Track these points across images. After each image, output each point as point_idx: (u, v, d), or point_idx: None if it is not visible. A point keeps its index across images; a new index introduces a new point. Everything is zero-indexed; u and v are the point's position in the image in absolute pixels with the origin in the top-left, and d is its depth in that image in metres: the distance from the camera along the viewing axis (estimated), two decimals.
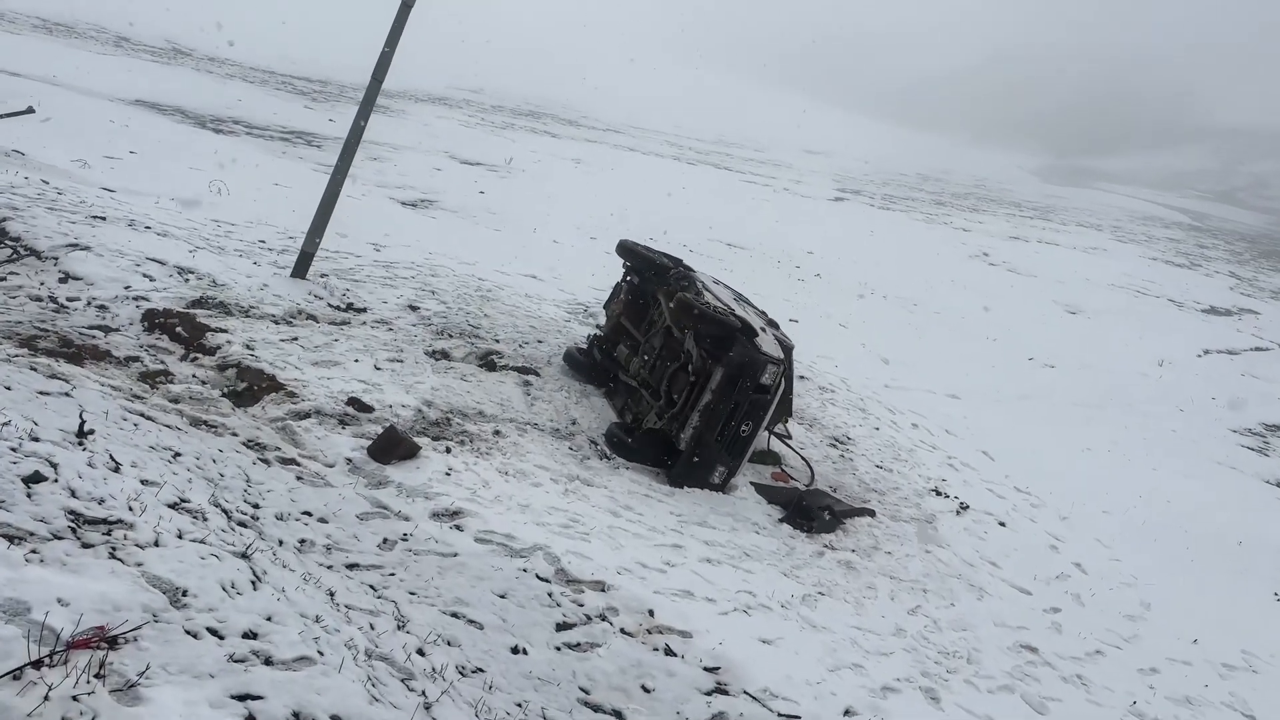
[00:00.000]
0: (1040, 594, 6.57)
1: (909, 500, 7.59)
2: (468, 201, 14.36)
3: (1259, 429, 13.54)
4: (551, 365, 8.15)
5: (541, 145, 24.12)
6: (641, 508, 5.97)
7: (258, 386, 5.88)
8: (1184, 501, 9.48)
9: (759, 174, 30.06)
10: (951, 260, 21.83)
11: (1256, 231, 49.55)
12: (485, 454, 6.03)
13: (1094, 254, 28.18)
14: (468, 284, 9.86)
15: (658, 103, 40.74)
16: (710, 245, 16.72)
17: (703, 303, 6.73)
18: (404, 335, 7.69)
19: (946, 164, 49.41)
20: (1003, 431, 10.30)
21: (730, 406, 6.41)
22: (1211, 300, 24.43)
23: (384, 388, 6.45)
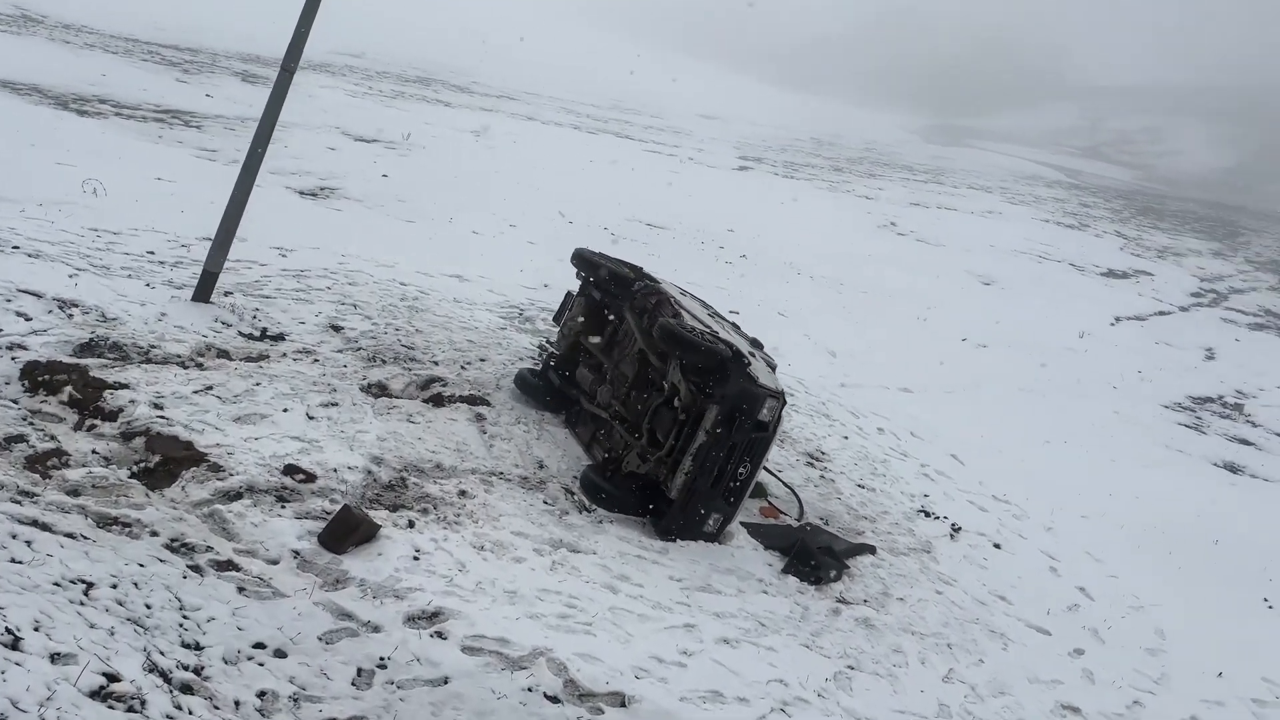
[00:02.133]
0: (1059, 633, 6.09)
1: (901, 526, 7.03)
2: (372, 188, 13.12)
3: (1187, 403, 13.61)
4: (501, 390, 7.25)
5: (436, 116, 22.72)
6: (639, 575, 5.19)
7: (173, 459, 4.83)
8: (1151, 496, 9.25)
9: (661, 142, 29.25)
10: (863, 232, 21.55)
11: (1128, 187, 51.52)
12: (454, 524, 5.13)
13: (991, 218, 28.46)
14: (391, 292, 8.81)
15: (552, 68, 39.44)
16: (630, 227, 15.88)
17: (688, 328, 5.94)
18: (333, 368, 6.65)
19: (836, 128, 49.52)
20: (963, 429, 9.88)
21: (727, 448, 5.66)
22: (1108, 263, 24.92)
23: (323, 444, 5.45)
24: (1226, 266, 28.50)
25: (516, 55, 37.64)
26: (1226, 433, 12.40)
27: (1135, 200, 42.77)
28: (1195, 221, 38.64)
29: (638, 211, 17.10)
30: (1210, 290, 23.91)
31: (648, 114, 37.10)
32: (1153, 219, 36.86)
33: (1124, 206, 39.25)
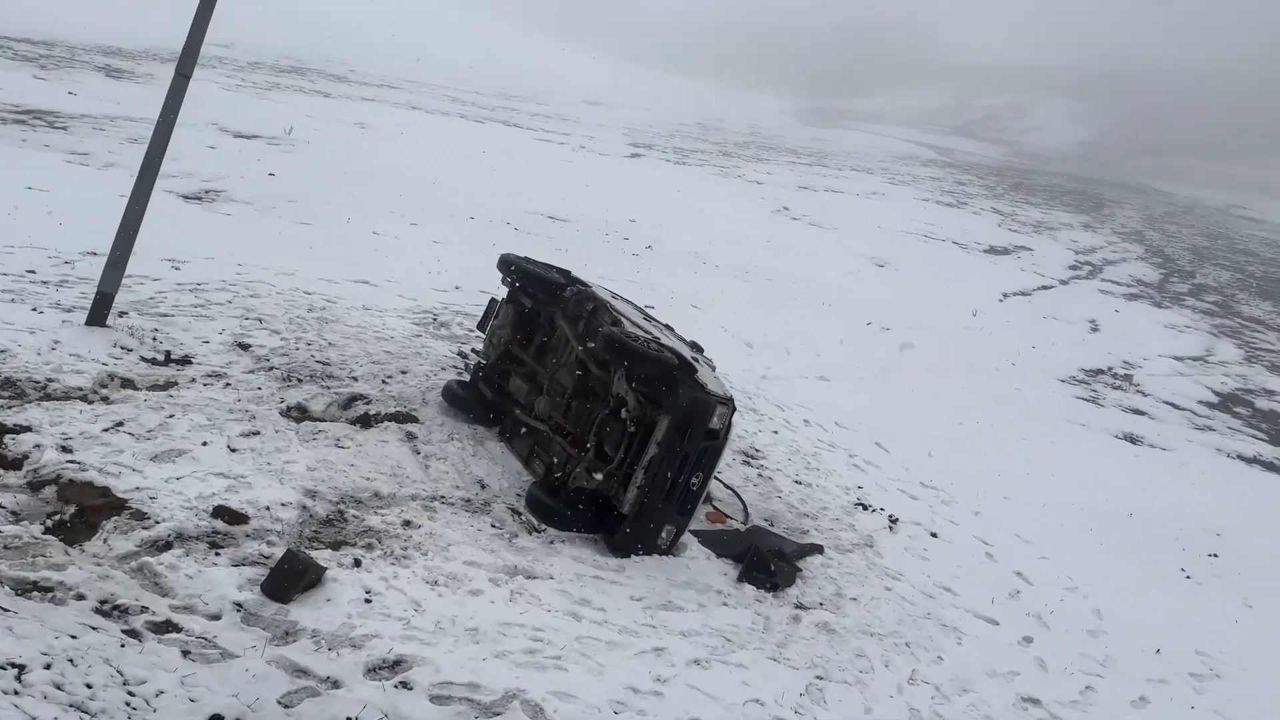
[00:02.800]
0: (1006, 621, 6.17)
1: (841, 521, 7.02)
2: (260, 188, 12.45)
3: (1081, 376, 14.14)
4: (429, 404, 6.93)
5: (316, 107, 21.82)
6: (600, 599, 5.00)
7: (91, 508, 4.39)
8: (1064, 473, 9.55)
9: (551, 130, 28.87)
10: (759, 218, 21.72)
11: (998, 164, 53.49)
12: (402, 558, 4.83)
13: (875, 199, 29.10)
14: (296, 303, 8.34)
15: (432, 52, 38.49)
16: (533, 220, 15.57)
17: (633, 337, 5.75)
18: (248, 391, 6.22)
19: (719, 112, 49.87)
20: (882, 415, 10.00)
21: (680, 459, 5.51)
22: (989, 239, 25.76)
23: (251, 480, 5.06)
24: (1097, 239, 29.84)
25: (393, 41, 36.59)
26: (1121, 404, 12.93)
27: (1006, 176, 44.42)
28: (1063, 195, 40.35)
29: (538, 204, 16.79)
30: (1086, 263, 24.97)
31: (534, 101, 36.59)
32: (1025, 194, 38.32)
33: (997, 183, 40.69)
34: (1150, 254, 28.65)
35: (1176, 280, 24.81)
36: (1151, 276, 24.71)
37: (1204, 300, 22.43)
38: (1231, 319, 20.65)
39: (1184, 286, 24.04)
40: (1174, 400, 13.50)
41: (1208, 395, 14.08)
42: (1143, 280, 23.95)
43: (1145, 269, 25.82)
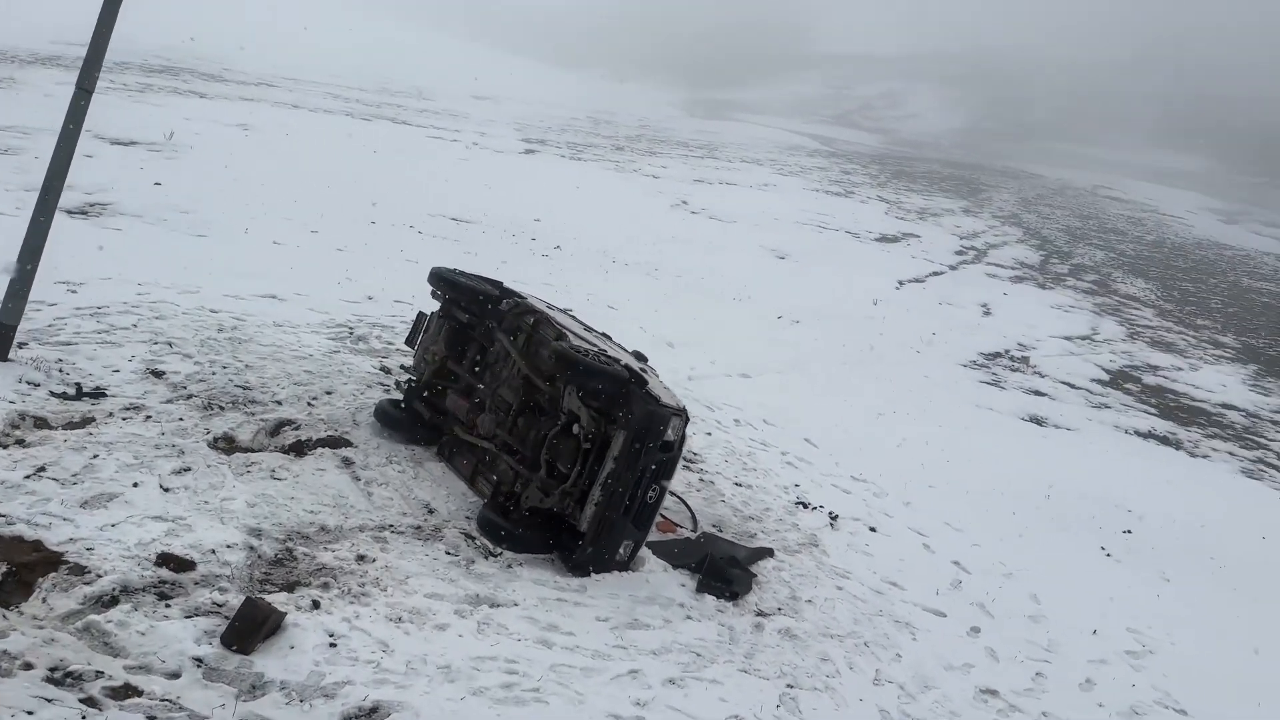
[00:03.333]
0: (953, 613, 6.31)
1: (785, 522, 7.07)
2: (148, 199, 11.80)
3: (981, 360, 14.63)
4: (361, 426, 6.68)
5: (194, 109, 20.84)
6: (567, 623, 4.89)
7: (24, 565, 4.06)
8: (982, 458, 9.85)
9: (441, 127, 28.30)
10: (660, 213, 21.77)
11: (877, 152, 54.94)
12: (362, 596, 4.63)
13: (768, 190, 29.54)
14: (204, 323, 7.93)
15: (309, 47, 37.24)
16: (437, 223, 15.23)
17: (582, 351, 5.64)
18: (170, 423, 5.87)
19: (606, 105, 49.80)
20: (805, 410, 10.12)
21: (637, 474, 5.44)
22: (879, 228, 26.43)
23: (191, 522, 4.77)
24: (978, 223, 30.94)
25: (273, 38, 35.28)
26: (1021, 386, 13.44)
27: (887, 164, 45.63)
28: (942, 181, 41.68)
29: (439, 205, 16.44)
30: (971, 247, 25.85)
31: (419, 96, 35.85)
32: (907, 182, 39.45)
33: (879, 171, 41.77)
34: (1029, 236, 29.86)
35: (1056, 261, 25.94)
36: (1033, 259, 25.76)
37: (1084, 280, 23.51)
38: (1110, 297, 21.72)
39: (1064, 267, 25.14)
40: (1070, 380, 14.10)
41: (1099, 373, 14.76)
42: (1025, 263, 24.94)
43: (1026, 251, 26.89)
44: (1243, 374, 16.08)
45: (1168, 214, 43.41)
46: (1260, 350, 18.32)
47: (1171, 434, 12.12)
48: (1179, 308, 21.64)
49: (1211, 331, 19.39)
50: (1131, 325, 18.96)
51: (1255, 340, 19.22)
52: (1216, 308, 22.39)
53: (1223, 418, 13.29)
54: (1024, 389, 13.27)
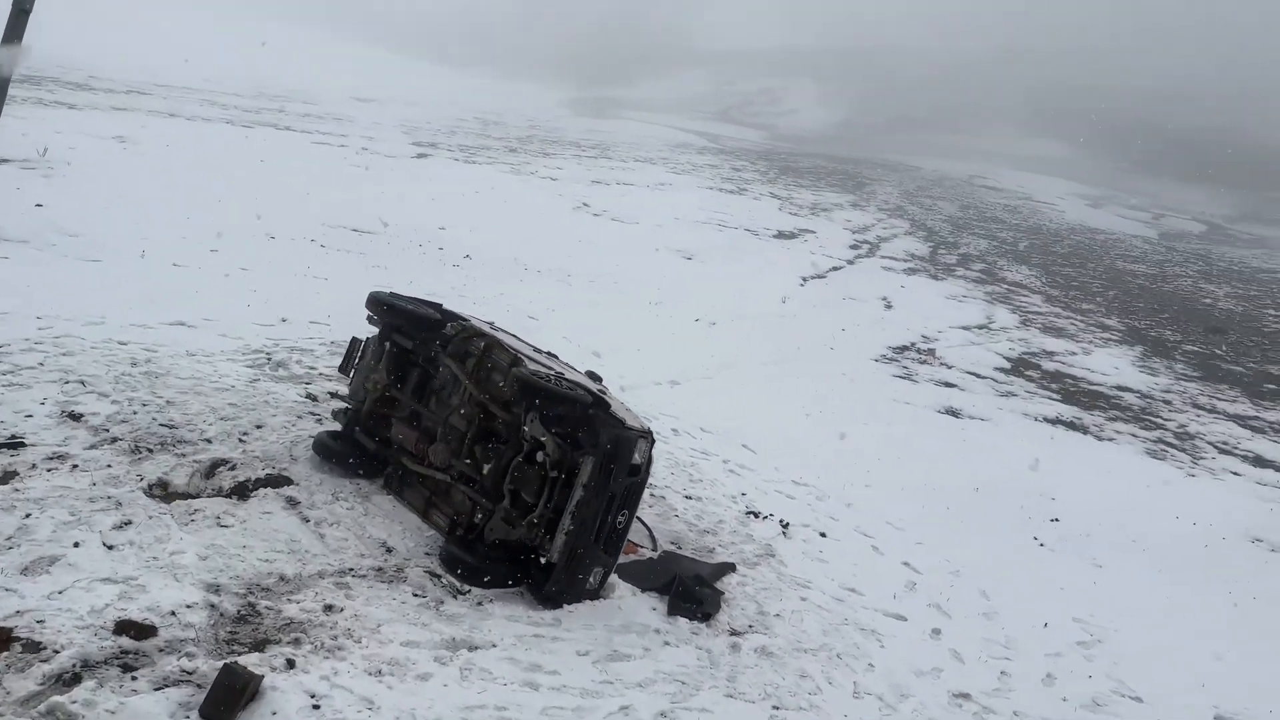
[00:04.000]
0: (912, 616, 6.41)
1: (739, 533, 7.06)
2: (31, 223, 11.03)
3: (890, 354, 14.98)
4: (299, 461, 6.37)
5: (64, 121, 19.66)
6: (550, 660, 4.75)
7: None
8: (909, 454, 10.07)
9: (327, 132, 27.43)
10: (562, 216, 21.60)
11: (762, 148, 55.84)
12: (336, 651, 4.38)
13: (665, 190, 29.66)
14: (116, 357, 7.45)
15: (174, 49, 35.63)
16: (337, 234, 14.73)
17: (544, 376, 5.49)
18: (100, 472, 5.47)
19: (492, 105, 49.21)
20: (737, 415, 10.16)
21: (606, 500, 5.32)
22: (776, 224, 26.83)
23: (142, 581, 4.44)
24: (866, 217, 31.72)
25: (137, 40, 33.66)
26: (932, 378, 13.80)
27: (774, 160, 46.41)
28: (828, 176, 42.62)
29: (338, 215, 15.90)
30: (864, 241, 26.49)
31: (299, 100, 34.66)
32: (794, 177, 40.19)
33: (768, 167, 42.42)
34: (915, 228, 30.76)
35: (944, 251, 26.79)
36: (922, 250, 26.55)
37: (972, 270, 24.34)
38: (999, 285, 22.53)
39: (952, 258, 25.99)
40: (975, 370, 14.55)
41: (1000, 361, 15.28)
42: (916, 254, 25.69)
43: (915, 243, 27.70)
44: (1131, 356, 16.89)
45: (1040, 201, 45.38)
46: (1143, 331, 19.30)
47: (1077, 419, 12.63)
48: (1064, 293, 22.62)
49: (1097, 315, 20.33)
50: (1023, 312, 19.71)
51: (1137, 322, 20.24)
52: (1098, 291, 23.50)
53: (1120, 400, 13.93)
54: (935, 381, 13.63)
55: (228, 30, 47.27)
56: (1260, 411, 14.38)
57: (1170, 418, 13.30)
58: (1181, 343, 18.77)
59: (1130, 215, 46.69)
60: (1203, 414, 13.75)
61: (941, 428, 11.42)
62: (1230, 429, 13.12)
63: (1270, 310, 24.10)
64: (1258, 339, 20.36)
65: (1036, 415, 12.56)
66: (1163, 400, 14.22)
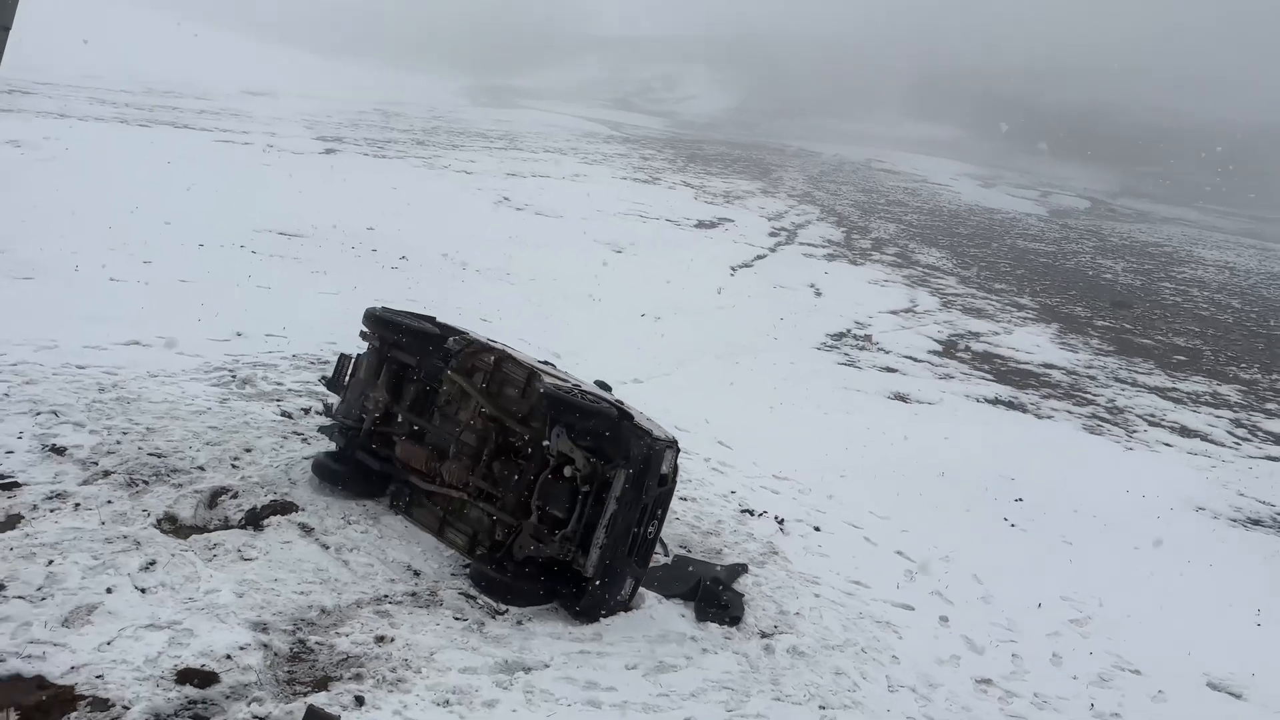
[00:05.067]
0: (919, 605, 6.59)
1: (739, 532, 7.14)
2: None
3: (830, 342, 15.30)
4: (298, 485, 6.18)
5: None
6: (603, 677, 4.74)
7: (35, 708, 3.48)
8: (874, 441, 10.32)
9: (228, 129, 26.43)
10: (485, 212, 21.33)
11: (665, 135, 56.09)
12: (399, 684, 4.29)
13: (581, 181, 29.55)
14: (81, 383, 7.09)
15: (50, 42, 33.73)
16: (265, 239, 14.24)
17: (568, 390, 5.45)
18: (105, 509, 5.21)
19: (389, 96, 48.18)
20: (706, 411, 10.24)
21: (639, 511, 5.33)
22: (694, 214, 27.02)
23: (187, 624, 4.26)
24: (779, 204, 32.23)
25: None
26: (874, 364, 14.15)
27: (680, 149, 46.65)
28: (734, 163, 43.09)
29: (261, 218, 15.37)
30: (781, 228, 26.91)
31: (191, 95, 33.30)
32: (702, 165, 40.51)
33: (675, 156, 42.65)
34: (826, 214, 31.41)
35: (857, 236, 27.45)
36: (836, 236, 27.14)
37: (887, 254, 25.00)
38: (915, 269, 23.22)
39: (865, 242, 26.64)
40: (910, 354, 14.99)
41: (932, 345, 15.76)
42: (832, 240, 26.24)
43: (829, 229, 28.30)
44: (1049, 333, 17.63)
45: (936, 183, 46.86)
46: (1055, 309, 20.15)
47: (1014, 398, 13.13)
48: (976, 274, 23.44)
49: (1010, 295, 21.13)
50: (942, 295, 20.35)
51: (1048, 300, 21.12)
52: (1006, 271, 24.42)
53: (1049, 377, 14.54)
54: (877, 367, 13.98)
55: (100, 20, 44.98)
56: (1176, 383, 15.21)
57: (1098, 393, 13.95)
58: (1092, 319, 19.69)
59: (1019, 194, 48.58)
60: (1126, 388, 14.47)
61: (895, 413, 11.73)
62: (1154, 401, 13.85)
63: (1165, 284, 25.49)
64: (1160, 312, 21.51)
65: (977, 396, 13.01)
66: (1087, 376, 14.90)
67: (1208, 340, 19.21)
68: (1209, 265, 30.87)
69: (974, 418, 11.94)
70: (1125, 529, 8.87)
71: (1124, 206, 49.61)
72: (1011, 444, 10.86)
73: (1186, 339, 19.07)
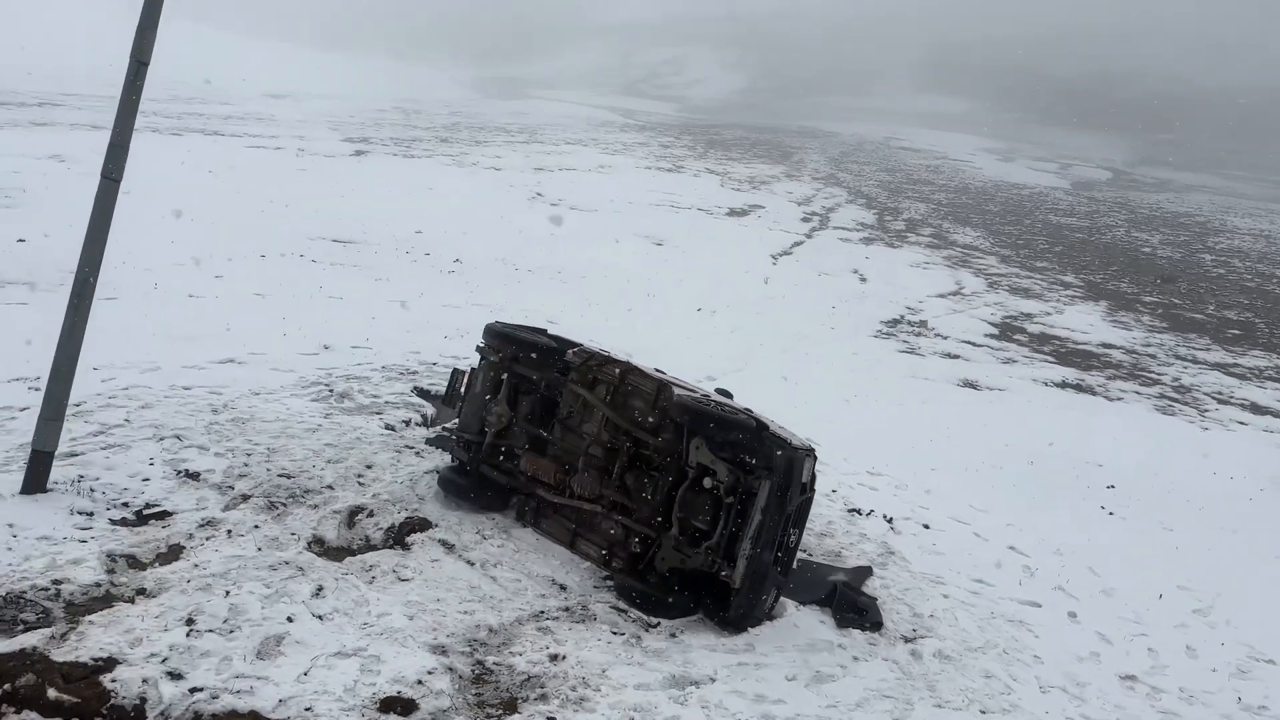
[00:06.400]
0: (1045, 601, 6.59)
1: (851, 533, 7.15)
2: (24, 261, 10.43)
3: (885, 329, 15.27)
4: (426, 500, 6.23)
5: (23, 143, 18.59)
6: (770, 690, 4.75)
7: None
8: (956, 431, 10.32)
9: (257, 134, 26.51)
10: (522, 210, 21.35)
11: (679, 120, 55.94)
12: (582, 701, 4.31)
13: (607, 173, 29.52)
14: (194, 405, 7.14)
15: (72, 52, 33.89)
16: (321, 247, 14.30)
17: (705, 401, 5.46)
18: (258, 536, 5.26)
19: (404, 92, 48.21)
20: (785, 406, 10.15)
21: (783, 521, 5.34)
22: (725, 202, 26.98)
23: (372, 650, 4.29)
24: (805, 187, 32.13)
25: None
26: (935, 350, 14.12)
27: (697, 134, 46.50)
28: (754, 147, 42.94)
29: (312, 226, 15.44)
30: (812, 213, 26.83)
31: (215, 101, 33.37)
32: (722, 150, 40.39)
33: (694, 142, 42.53)
34: (855, 196, 31.30)
35: (890, 218, 27.33)
36: (869, 218, 27.04)
37: (923, 235, 24.90)
38: (953, 249, 23.12)
39: (899, 223, 26.53)
40: (968, 338, 14.95)
41: (987, 328, 15.72)
42: (865, 223, 26.15)
43: (860, 211, 28.20)
44: (1099, 311, 17.56)
45: (956, 159, 46.60)
46: (1100, 285, 20.06)
47: (1081, 380, 13.09)
48: (1015, 252, 23.33)
49: (1053, 273, 21.03)
50: (986, 275, 20.27)
51: (1092, 276, 21.02)
52: (1045, 249, 24.30)
53: (1109, 357, 14.49)
54: (939, 353, 13.95)
55: (109, 27, 44.96)
56: (1236, 358, 15.14)
57: (1162, 372, 13.90)
58: (1139, 294, 19.59)
59: (1040, 168, 48.25)
60: (1188, 365, 14.41)
61: (968, 401, 11.71)
62: (1219, 379, 13.79)
63: (1205, 255, 25.34)
64: (1205, 284, 21.39)
65: (1045, 380, 12.98)
66: (1147, 354, 14.84)
67: (1259, 312, 19.10)
68: (1244, 234, 30.66)
69: (1047, 402, 11.91)
70: (1219, 511, 8.85)
71: (1145, 175, 49.25)
72: (1090, 428, 10.83)
73: (1237, 311, 18.96)
